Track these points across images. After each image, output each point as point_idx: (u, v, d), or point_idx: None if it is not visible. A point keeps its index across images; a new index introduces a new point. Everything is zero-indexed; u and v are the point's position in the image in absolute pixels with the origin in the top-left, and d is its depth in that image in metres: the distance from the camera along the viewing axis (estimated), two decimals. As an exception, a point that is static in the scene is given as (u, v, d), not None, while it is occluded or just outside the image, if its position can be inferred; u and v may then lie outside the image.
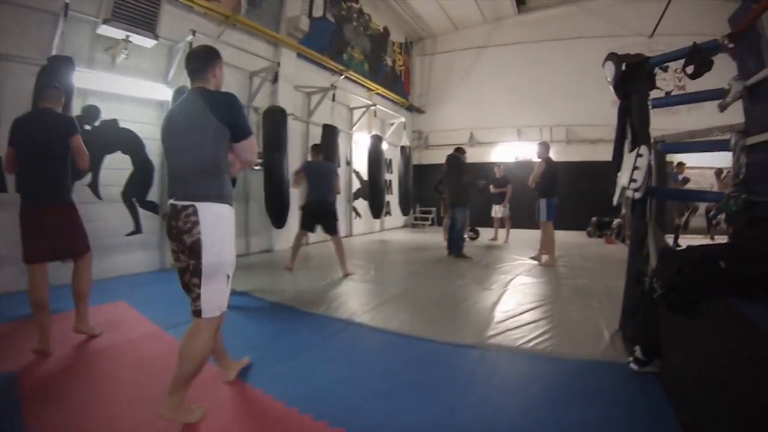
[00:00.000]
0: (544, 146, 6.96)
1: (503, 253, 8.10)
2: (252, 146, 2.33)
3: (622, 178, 3.05)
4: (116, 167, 5.74)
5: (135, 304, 4.25)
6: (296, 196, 7.43)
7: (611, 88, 3.54)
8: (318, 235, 6.73)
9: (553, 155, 7.77)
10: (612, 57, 3.50)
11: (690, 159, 9.90)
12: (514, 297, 4.73)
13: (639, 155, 2.84)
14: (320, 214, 5.87)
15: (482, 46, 14.36)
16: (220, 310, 2.23)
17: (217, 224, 2.16)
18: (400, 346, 3.35)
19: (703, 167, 10.74)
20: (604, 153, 12.66)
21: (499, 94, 13.90)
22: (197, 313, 2.16)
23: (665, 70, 3.43)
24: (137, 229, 5.91)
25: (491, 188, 9.93)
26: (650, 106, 3.19)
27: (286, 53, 8.56)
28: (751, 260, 1.89)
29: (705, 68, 2.84)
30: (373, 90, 11.88)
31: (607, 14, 12.73)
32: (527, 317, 3.99)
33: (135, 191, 5.94)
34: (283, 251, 7.79)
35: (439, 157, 12.85)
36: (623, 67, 3.33)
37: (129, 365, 2.87)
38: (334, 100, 9.73)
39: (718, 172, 9.54)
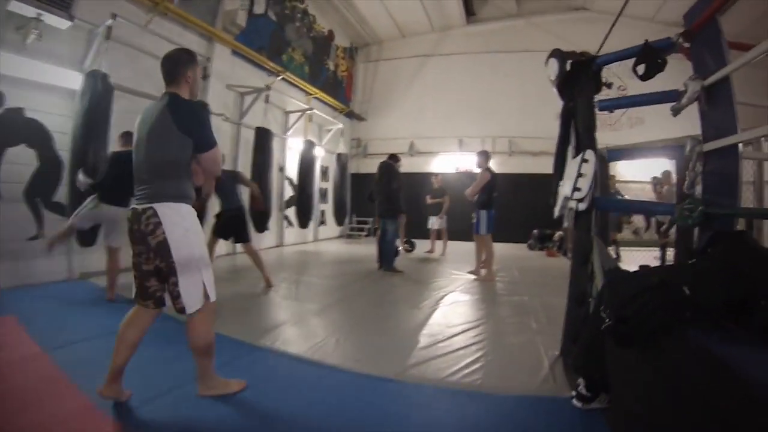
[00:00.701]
0: (484, 155, 6.80)
1: (439, 267, 7.91)
2: (215, 157, 2.38)
3: (565, 188, 2.82)
4: (19, 162, 5.12)
5: (25, 320, 3.69)
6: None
7: (554, 89, 3.32)
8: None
9: (496, 166, 7.88)
10: (556, 54, 3.24)
11: (628, 172, 10.28)
12: (445, 317, 4.41)
13: (584, 161, 2.64)
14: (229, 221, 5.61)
15: (428, 55, 14.48)
16: (203, 301, 2.31)
17: (178, 221, 2.23)
18: (301, 379, 2.85)
19: (643, 182, 10.75)
20: (546, 165, 12.62)
21: (443, 104, 14.06)
22: (181, 311, 2.26)
23: (609, 86, 3.24)
24: (40, 233, 5.26)
25: (428, 199, 9.88)
26: (596, 109, 3.00)
27: (220, 49, 8.15)
28: (718, 284, 1.61)
29: (657, 69, 2.68)
30: (311, 94, 11.57)
31: (554, 30, 13.19)
32: (457, 342, 3.63)
33: (40, 190, 5.31)
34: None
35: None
36: (568, 66, 3.11)
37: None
38: (267, 101, 9.26)
39: (657, 181, 9.38)
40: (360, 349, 3.46)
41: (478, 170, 6.93)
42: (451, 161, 13.68)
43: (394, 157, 7.62)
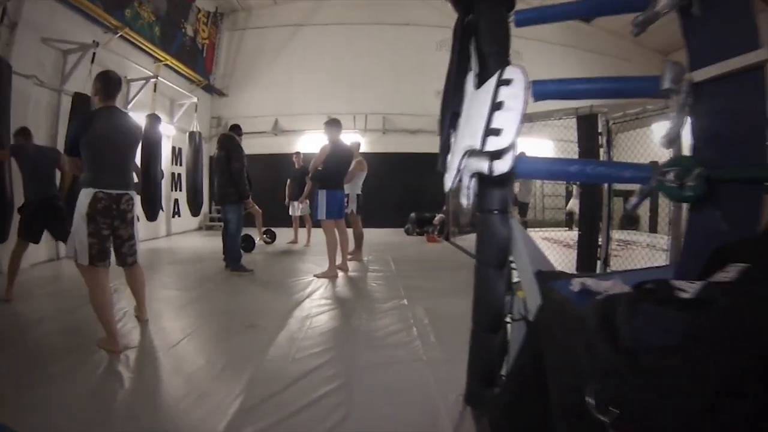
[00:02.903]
0: (334, 125, 6.12)
1: (300, 261, 7.23)
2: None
3: (464, 139, 1.82)
4: None
5: None
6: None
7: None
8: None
9: (368, 145, 7.54)
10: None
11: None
12: (293, 341, 3.38)
13: (503, 83, 1.58)
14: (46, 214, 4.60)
15: (300, 24, 13.80)
16: None
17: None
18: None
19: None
20: (424, 144, 12.97)
21: (312, 79, 13.47)
22: (135, 261, 3.67)
23: None
24: None
25: (288, 182, 9.30)
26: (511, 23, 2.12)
27: (32, -11, 6.59)
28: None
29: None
30: (161, 61, 10.22)
31: (438, 5, 13.29)
32: (304, 390, 2.59)
33: None
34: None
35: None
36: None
37: None
38: (93, 62, 7.57)
39: None
40: (158, 404, 2.47)
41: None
42: (319, 140, 12.90)
43: (236, 128, 6.63)
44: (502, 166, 1.65)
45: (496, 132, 1.58)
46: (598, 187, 5.90)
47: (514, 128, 1.55)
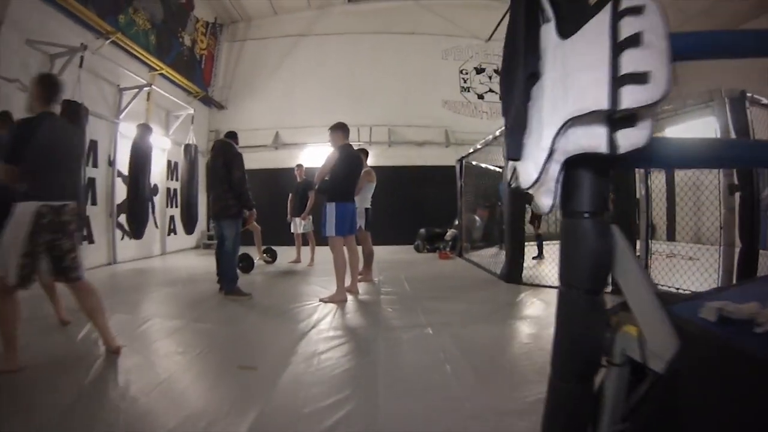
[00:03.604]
0: (340, 129, 5.53)
1: (304, 283, 6.48)
2: None
3: (558, 109, 1.21)
4: None
5: None
6: None
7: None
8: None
9: (373, 159, 6.99)
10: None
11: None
12: (299, 386, 2.69)
13: (628, 12, 0.98)
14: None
15: (302, 35, 13.40)
16: None
17: None
18: None
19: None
20: (431, 156, 12.59)
21: (315, 90, 13.00)
22: (79, 276, 3.11)
23: None
24: None
25: (290, 197, 8.61)
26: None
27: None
28: None
29: None
30: (157, 70, 9.73)
31: (445, 13, 13.20)
32: None
33: None
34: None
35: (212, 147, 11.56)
36: None
37: None
38: (81, 66, 7.08)
39: None
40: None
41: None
42: (321, 154, 12.39)
43: (232, 136, 5.89)
44: (636, 138, 1.01)
45: (639, 78, 0.93)
46: (631, 189, 5.41)
47: (665, 69, 0.92)
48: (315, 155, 11.98)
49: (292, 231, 8.62)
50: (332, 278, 5.34)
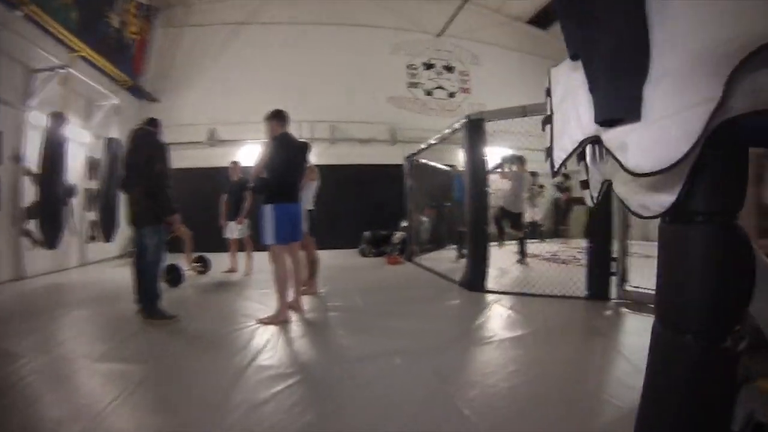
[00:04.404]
0: (278, 117, 4.74)
1: (240, 298, 5.71)
2: None
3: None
4: None
5: None
6: None
7: None
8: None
9: (315, 157, 6.38)
10: None
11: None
12: None
13: None
14: None
15: (244, 23, 12.50)
16: None
17: None
18: None
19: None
20: (376, 155, 11.95)
21: (254, 83, 12.15)
22: None
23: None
24: None
25: (224, 199, 7.85)
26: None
27: None
28: None
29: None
30: (77, 51, 8.60)
31: (395, 6, 12.88)
32: None
33: None
34: None
35: (175, 161, 10.53)
36: None
37: None
38: None
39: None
40: None
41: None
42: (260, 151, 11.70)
43: (153, 122, 4.76)
44: None
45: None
46: (608, 189, 5.02)
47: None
48: (253, 153, 11.13)
49: (226, 236, 7.84)
50: (272, 290, 4.64)
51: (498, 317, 4.61)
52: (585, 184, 1.67)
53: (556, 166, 1.59)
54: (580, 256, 8.84)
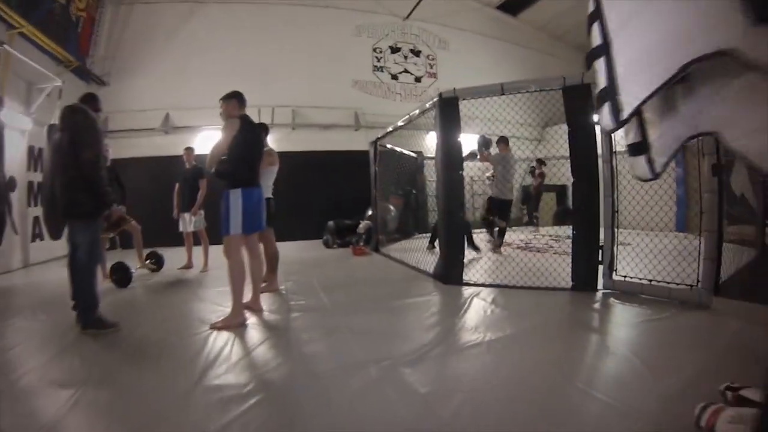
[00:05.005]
0: (235, 98, 4.35)
1: (195, 298, 5.23)
2: None
3: None
4: None
5: None
6: None
7: None
8: None
9: (275, 143, 6.00)
10: None
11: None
12: None
13: None
14: None
15: (199, 1, 11.87)
16: None
17: None
18: None
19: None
20: (339, 141, 11.60)
21: (213, 66, 11.59)
22: None
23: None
24: None
25: (177, 188, 7.35)
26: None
27: None
28: None
29: None
30: (16, 27, 7.89)
31: None
32: None
33: None
34: None
35: (123, 148, 9.92)
36: None
37: None
38: None
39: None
40: None
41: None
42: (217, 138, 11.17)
43: (90, 100, 4.13)
44: None
45: None
46: (594, 171, 4.91)
47: None
48: (210, 140, 10.59)
49: (180, 230, 7.31)
50: (225, 286, 4.25)
51: (480, 314, 4.25)
52: (638, 149, 1.27)
53: (626, 111, 1.11)
54: (555, 244, 8.72)
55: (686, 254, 4.51)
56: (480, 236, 8.67)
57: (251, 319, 4.16)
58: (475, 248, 7.62)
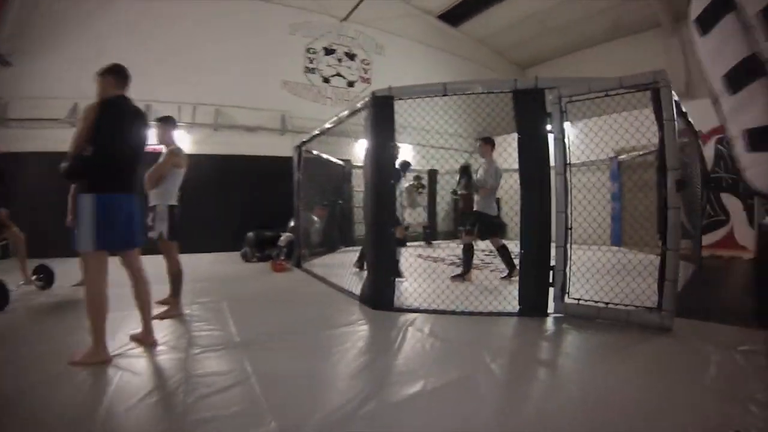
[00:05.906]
0: (111, 73, 3.69)
1: (82, 324, 3.66)
2: None
3: None
4: None
5: None
6: None
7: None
8: None
9: (195, 145, 5.53)
10: None
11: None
12: None
13: None
14: None
15: (124, -18, 10.87)
16: None
17: None
18: None
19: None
20: (264, 145, 10.99)
21: (128, 54, 9.79)
22: None
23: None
24: None
25: (71, 190, 6.17)
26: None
27: None
28: None
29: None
30: None
31: None
32: None
33: None
34: None
35: (21, 140, 9.29)
36: None
37: None
38: None
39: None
40: None
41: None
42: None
43: None
44: None
45: None
46: (546, 184, 4.67)
47: None
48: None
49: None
50: (133, 308, 3.68)
51: (417, 349, 3.73)
52: None
53: None
54: (488, 259, 8.54)
55: (635, 273, 4.43)
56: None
57: (137, 354, 3.49)
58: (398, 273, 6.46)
